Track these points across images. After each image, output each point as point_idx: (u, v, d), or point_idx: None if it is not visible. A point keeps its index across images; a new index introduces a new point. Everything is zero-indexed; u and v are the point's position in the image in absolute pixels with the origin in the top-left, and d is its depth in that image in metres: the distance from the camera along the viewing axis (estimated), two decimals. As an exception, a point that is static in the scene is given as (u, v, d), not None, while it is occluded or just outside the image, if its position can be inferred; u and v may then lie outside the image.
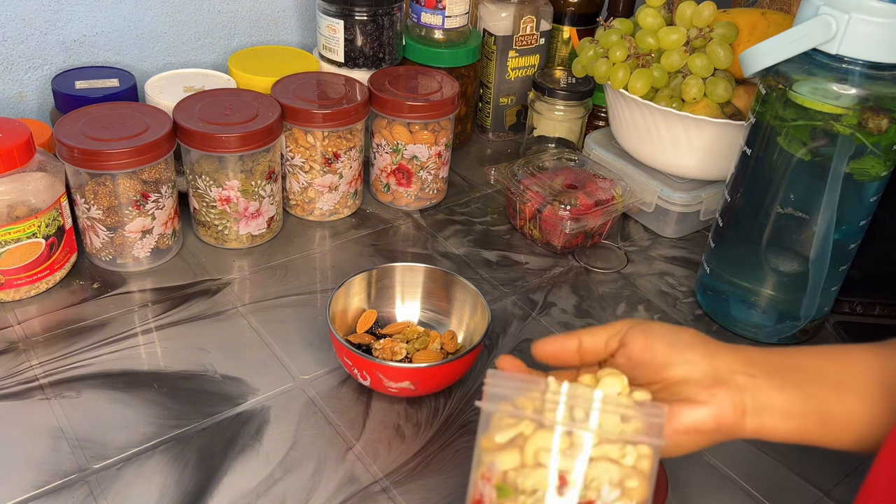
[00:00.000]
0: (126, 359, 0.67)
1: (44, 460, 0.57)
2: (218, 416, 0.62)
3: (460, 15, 0.94)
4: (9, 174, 0.67)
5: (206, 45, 0.97)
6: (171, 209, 0.77)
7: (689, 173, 0.87)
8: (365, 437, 0.61)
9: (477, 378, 0.68)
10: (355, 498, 0.56)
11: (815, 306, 0.72)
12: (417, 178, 0.88)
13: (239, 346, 0.69)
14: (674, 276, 0.84)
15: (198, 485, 0.56)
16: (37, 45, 0.85)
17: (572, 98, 0.97)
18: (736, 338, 0.75)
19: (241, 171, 0.76)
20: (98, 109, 0.75)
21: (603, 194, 0.85)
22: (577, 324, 0.75)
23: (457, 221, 0.90)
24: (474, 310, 0.68)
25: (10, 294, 0.71)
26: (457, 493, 0.57)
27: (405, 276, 0.71)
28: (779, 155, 0.67)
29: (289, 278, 0.78)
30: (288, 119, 0.80)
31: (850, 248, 0.70)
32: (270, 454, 0.59)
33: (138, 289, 0.75)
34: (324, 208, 0.86)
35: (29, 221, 0.68)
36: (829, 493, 0.60)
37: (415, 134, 0.86)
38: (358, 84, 0.86)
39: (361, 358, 0.61)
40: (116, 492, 0.55)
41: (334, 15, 0.89)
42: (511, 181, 0.87)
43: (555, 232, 0.83)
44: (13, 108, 0.87)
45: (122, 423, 0.60)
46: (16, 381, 0.63)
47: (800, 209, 0.67)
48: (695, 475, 0.61)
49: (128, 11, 0.89)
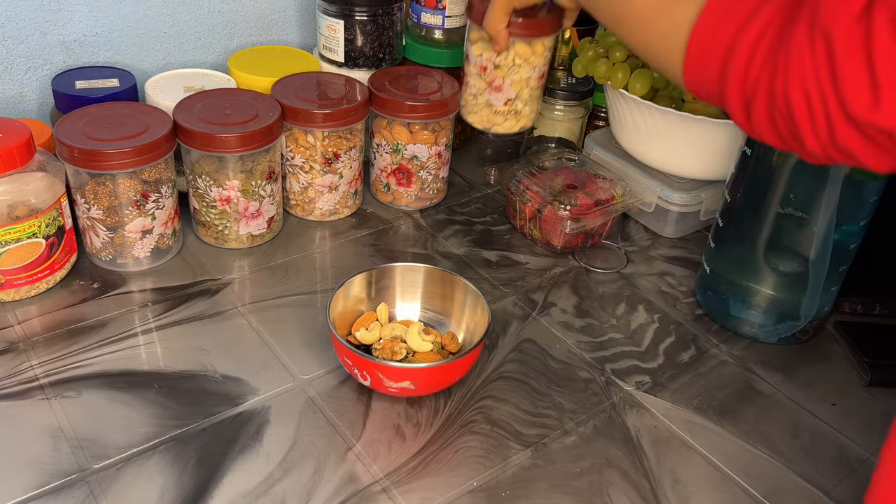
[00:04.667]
0: (126, 359, 0.67)
1: (44, 460, 0.57)
2: (218, 416, 0.62)
3: (460, 15, 0.94)
4: (9, 174, 0.67)
5: (206, 45, 0.97)
6: (171, 209, 0.77)
7: (689, 173, 0.87)
8: (365, 437, 0.61)
9: (477, 378, 0.68)
10: (355, 498, 0.56)
11: (815, 306, 0.72)
12: (417, 178, 0.88)
13: (239, 346, 0.69)
14: (674, 276, 0.84)
15: (198, 485, 0.56)
16: (37, 45, 0.85)
17: (572, 98, 0.97)
18: (736, 337, 0.75)
19: (241, 171, 0.77)
20: (98, 109, 0.75)
21: (603, 194, 0.85)
22: (576, 324, 0.75)
23: (457, 221, 0.90)
24: (474, 310, 0.68)
25: (10, 294, 0.71)
26: (457, 492, 0.57)
27: (405, 276, 0.71)
28: (779, 155, 0.67)
29: (289, 278, 0.78)
30: (288, 119, 0.80)
31: (850, 248, 0.70)
32: (270, 454, 0.59)
33: (138, 289, 0.75)
34: (324, 208, 0.86)
35: (29, 221, 0.68)
36: (829, 493, 0.60)
37: (415, 134, 0.86)
38: (358, 84, 0.86)
39: (361, 358, 0.61)
40: (116, 492, 0.55)
41: (334, 15, 0.89)
42: (511, 181, 0.87)
43: (555, 232, 0.83)
44: (13, 108, 0.87)
45: (122, 423, 0.60)
46: (16, 381, 0.63)
47: (800, 209, 0.67)
48: (695, 475, 0.61)
49: (128, 11, 0.89)
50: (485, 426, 0.63)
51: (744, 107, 0.47)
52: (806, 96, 0.43)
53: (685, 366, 0.72)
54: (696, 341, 0.75)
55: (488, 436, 0.62)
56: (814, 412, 0.68)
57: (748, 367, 0.72)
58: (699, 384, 0.69)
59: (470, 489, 0.58)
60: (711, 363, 0.72)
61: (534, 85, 0.81)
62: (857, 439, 0.65)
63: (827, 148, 0.44)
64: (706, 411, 0.67)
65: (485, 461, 0.60)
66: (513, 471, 0.59)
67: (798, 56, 0.42)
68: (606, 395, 0.67)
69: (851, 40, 0.40)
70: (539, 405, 0.66)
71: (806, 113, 0.43)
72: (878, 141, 0.41)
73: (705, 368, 0.71)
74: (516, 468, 0.60)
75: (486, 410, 0.64)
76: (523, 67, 0.79)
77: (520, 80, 0.80)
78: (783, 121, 0.45)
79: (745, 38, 0.46)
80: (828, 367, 0.73)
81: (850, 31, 0.39)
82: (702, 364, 0.72)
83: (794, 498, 0.60)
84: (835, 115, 0.42)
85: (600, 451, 0.62)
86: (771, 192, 0.68)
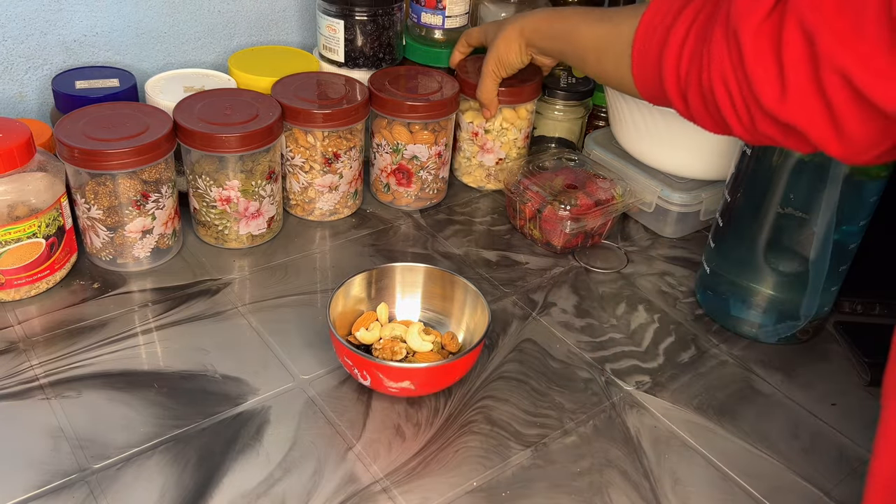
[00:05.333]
0: (126, 359, 0.67)
1: (44, 460, 0.57)
2: (218, 416, 0.62)
3: (460, 15, 0.94)
4: (9, 174, 0.67)
5: (206, 45, 0.97)
6: (171, 209, 0.77)
7: (689, 173, 0.87)
8: (365, 437, 0.61)
9: (477, 378, 0.68)
10: (355, 498, 0.56)
11: (815, 306, 0.72)
12: (417, 178, 0.88)
13: (239, 346, 0.69)
14: (674, 276, 0.84)
15: (198, 485, 0.56)
16: (37, 45, 0.85)
17: (572, 98, 0.97)
18: (736, 337, 0.75)
19: (241, 171, 0.77)
20: (98, 109, 0.75)
21: (603, 194, 0.85)
22: (576, 324, 0.75)
23: (457, 221, 0.90)
24: (474, 310, 0.68)
25: (10, 294, 0.71)
26: (457, 492, 0.57)
27: (405, 276, 0.71)
28: (779, 155, 0.67)
29: (289, 278, 0.78)
30: (288, 119, 0.80)
31: (850, 248, 0.70)
32: (270, 454, 0.59)
33: (138, 289, 0.75)
34: (324, 208, 0.86)
35: (29, 221, 0.68)
36: (829, 493, 0.60)
37: (415, 134, 0.86)
38: (358, 84, 0.86)
39: (361, 358, 0.61)
40: (116, 492, 0.55)
41: (334, 15, 0.89)
42: (511, 181, 0.87)
43: (555, 232, 0.83)
44: (13, 108, 0.87)
45: (122, 423, 0.60)
46: (16, 381, 0.63)
47: (800, 209, 0.67)
48: (695, 475, 0.61)
49: (128, 11, 0.89)
50: (485, 426, 0.63)
51: (682, 99, 0.53)
52: (726, 89, 0.48)
53: (685, 366, 0.72)
54: (696, 341, 0.75)
55: (488, 436, 0.62)
56: (814, 412, 0.68)
57: (748, 367, 0.72)
58: (699, 384, 0.70)
59: (470, 489, 0.58)
60: (711, 363, 0.72)
61: (521, 145, 0.93)
62: (857, 439, 0.65)
63: (752, 133, 0.49)
64: (706, 411, 0.67)
65: (485, 461, 0.60)
66: (513, 471, 0.59)
67: (718, 53, 0.48)
68: (606, 395, 0.67)
69: (760, 40, 0.44)
70: (539, 405, 0.66)
71: (728, 104, 0.48)
72: (794, 131, 0.46)
73: (705, 368, 0.71)
74: (516, 468, 0.60)
75: (486, 410, 0.64)
76: (510, 130, 0.91)
77: (508, 142, 0.92)
78: (714, 109, 0.50)
79: (674, 35, 0.52)
80: (828, 367, 0.73)
81: (758, 33, 0.44)
82: (702, 364, 0.72)
83: (794, 498, 0.60)
84: (752, 106, 0.47)
85: (600, 451, 0.62)
86: (771, 192, 0.68)
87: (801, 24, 0.42)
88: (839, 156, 0.45)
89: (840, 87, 0.41)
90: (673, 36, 0.53)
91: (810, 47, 0.42)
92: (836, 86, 0.41)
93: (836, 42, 0.40)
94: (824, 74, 0.41)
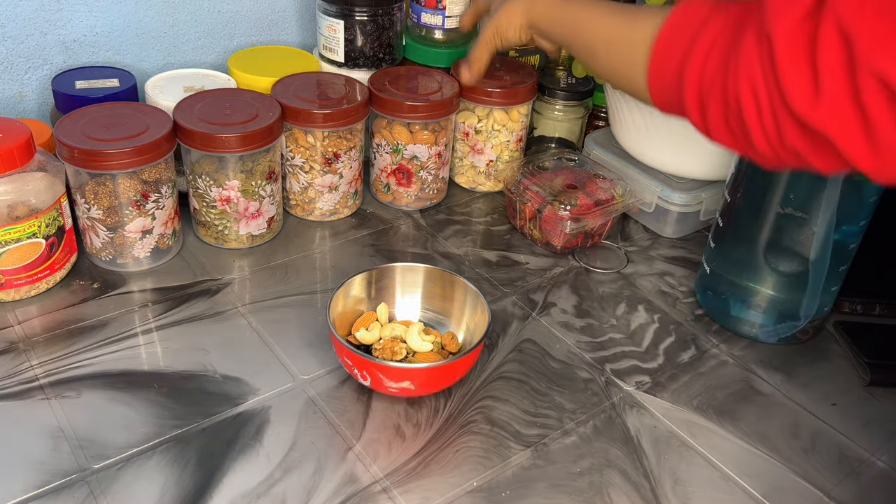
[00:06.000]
0: (126, 359, 0.67)
1: (44, 460, 0.57)
2: (218, 416, 0.62)
3: (460, 15, 0.94)
4: (9, 174, 0.67)
5: (206, 45, 0.97)
6: (171, 209, 0.77)
7: (689, 173, 0.87)
8: (365, 437, 0.61)
9: (477, 378, 0.68)
10: (355, 498, 0.56)
11: (815, 306, 0.72)
12: (417, 178, 0.88)
13: (239, 346, 0.69)
14: (674, 276, 0.84)
15: (198, 485, 0.56)
16: (37, 45, 0.85)
17: (572, 98, 0.97)
18: (736, 337, 0.75)
19: (241, 171, 0.77)
20: (98, 109, 0.75)
21: (603, 194, 0.85)
22: (576, 324, 0.75)
23: (457, 221, 0.90)
24: (474, 310, 0.68)
25: (10, 294, 0.71)
26: (457, 492, 0.57)
27: (405, 276, 0.71)
28: (779, 155, 0.67)
29: (289, 278, 0.78)
30: (288, 119, 0.80)
31: (850, 248, 0.70)
32: (270, 454, 0.59)
33: (138, 289, 0.75)
34: (324, 208, 0.86)
35: (29, 221, 0.68)
36: (829, 493, 0.60)
37: (415, 134, 0.86)
38: (358, 84, 0.86)
39: (361, 358, 0.61)
40: (116, 492, 0.55)
41: (334, 15, 0.89)
42: (511, 181, 0.87)
43: (555, 232, 0.83)
44: (13, 108, 0.87)
45: (122, 423, 0.60)
46: (16, 381, 0.63)
47: (800, 209, 0.67)
48: (695, 475, 0.61)
49: (128, 11, 0.89)
50: (485, 426, 0.63)
51: (700, 110, 0.50)
52: (754, 96, 0.45)
53: (685, 366, 0.72)
54: (696, 341, 0.75)
55: (488, 436, 0.62)
56: (814, 412, 0.68)
57: (748, 367, 0.72)
58: (699, 384, 0.70)
59: (470, 489, 0.58)
60: (711, 363, 0.72)
61: (513, 148, 0.93)
62: (857, 439, 0.65)
63: (776, 147, 0.46)
64: (706, 411, 0.67)
65: (485, 461, 0.60)
66: (513, 471, 0.59)
67: (747, 57, 0.45)
68: (606, 395, 0.67)
69: (795, 42, 0.42)
70: (539, 405, 0.66)
71: (754, 112, 0.46)
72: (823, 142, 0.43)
73: (705, 368, 0.71)
74: (516, 468, 0.60)
75: (486, 410, 0.64)
76: (502, 132, 0.91)
77: (499, 144, 0.92)
78: (735, 121, 0.48)
79: (700, 44, 0.50)
80: (828, 367, 0.73)
81: (794, 33, 0.42)
82: (702, 364, 0.72)
83: (794, 498, 0.60)
84: (780, 113, 0.44)
85: (600, 451, 0.62)
86: (771, 192, 0.68)
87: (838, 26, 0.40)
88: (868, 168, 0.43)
89: (876, 90, 0.40)
90: (700, 43, 0.50)
91: (848, 49, 0.40)
92: (873, 90, 0.40)
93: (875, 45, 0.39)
94: (861, 78, 0.40)
